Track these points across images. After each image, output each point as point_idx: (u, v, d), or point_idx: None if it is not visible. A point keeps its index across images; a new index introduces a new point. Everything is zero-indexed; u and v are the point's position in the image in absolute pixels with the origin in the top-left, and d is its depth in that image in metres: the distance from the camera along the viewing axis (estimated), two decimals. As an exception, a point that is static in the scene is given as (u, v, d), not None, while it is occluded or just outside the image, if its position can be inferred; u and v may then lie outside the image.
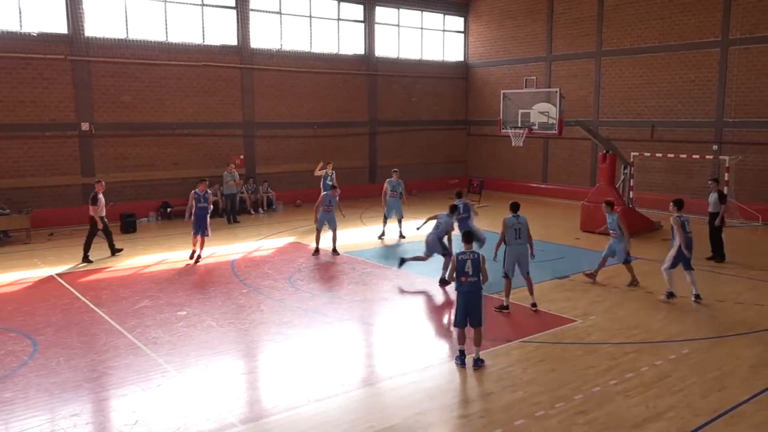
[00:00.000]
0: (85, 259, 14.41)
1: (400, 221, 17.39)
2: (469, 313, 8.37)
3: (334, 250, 15.04)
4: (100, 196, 14.51)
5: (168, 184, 20.52)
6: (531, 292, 10.98)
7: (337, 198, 15.75)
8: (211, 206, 14.76)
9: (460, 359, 8.39)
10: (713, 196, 14.50)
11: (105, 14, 19.28)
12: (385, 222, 17.49)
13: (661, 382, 7.87)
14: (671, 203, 11.52)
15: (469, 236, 8.83)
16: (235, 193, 19.80)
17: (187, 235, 17.37)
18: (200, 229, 14.28)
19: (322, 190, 19.06)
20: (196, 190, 14.42)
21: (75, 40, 18.60)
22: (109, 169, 19.52)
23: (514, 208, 11.11)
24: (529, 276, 11.03)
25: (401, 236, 17.11)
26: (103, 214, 14.67)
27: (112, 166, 19.61)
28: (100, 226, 14.48)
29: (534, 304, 10.86)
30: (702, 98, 20.87)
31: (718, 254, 14.48)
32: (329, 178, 19.31)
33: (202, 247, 14.52)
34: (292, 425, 6.86)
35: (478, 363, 8.31)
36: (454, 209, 12.90)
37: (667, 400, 7.36)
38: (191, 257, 14.37)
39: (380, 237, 17.21)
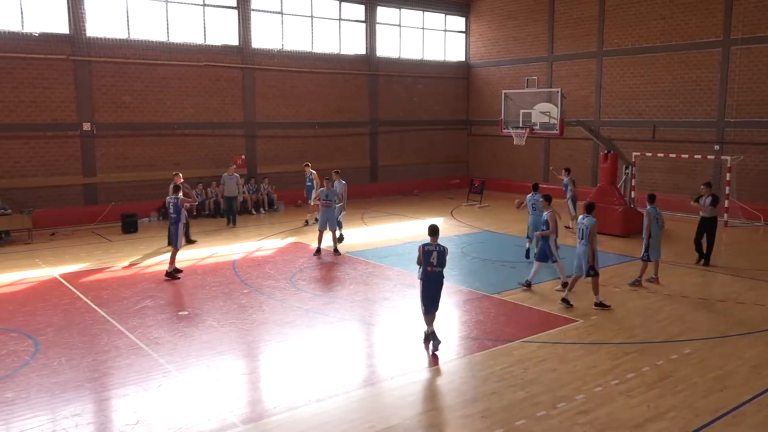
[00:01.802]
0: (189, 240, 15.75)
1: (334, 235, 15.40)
2: (433, 299, 8.96)
3: (336, 251, 15.02)
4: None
5: (169, 184, 20.43)
6: (595, 291, 10.98)
7: (339, 191, 15.61)
8: (184, 216, 13.15)
9: (428, 339, 9.08)
10: (707, 201, 14.08)
11: (106, 14, 19.30)
12: (319, 238, 15.13)
13: (662, 382, 7.86)
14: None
15: (434, 229, 9.13)
16: (234, 196, 19.25)
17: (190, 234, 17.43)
18: (170, 240, 13.18)
19: (305, 192, 19.34)
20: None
21: (76, 41, 18.62)
22: (110, 170, 19.55)
23: (589, 208, 11.35)
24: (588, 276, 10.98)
25: (336, 252, 15.05)
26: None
27: (114, 166, 19.63)
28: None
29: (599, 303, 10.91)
30: (703, 98, 20.85)
31: (706, 257, 14.21)
32: (308, 178, 19.37)
33: (171, 261, 12.90)
34: (293, 425, 6.86)
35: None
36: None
37: (669, 400, 7.36)
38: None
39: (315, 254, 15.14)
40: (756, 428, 6.75)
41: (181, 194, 13.14)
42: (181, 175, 15.76)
